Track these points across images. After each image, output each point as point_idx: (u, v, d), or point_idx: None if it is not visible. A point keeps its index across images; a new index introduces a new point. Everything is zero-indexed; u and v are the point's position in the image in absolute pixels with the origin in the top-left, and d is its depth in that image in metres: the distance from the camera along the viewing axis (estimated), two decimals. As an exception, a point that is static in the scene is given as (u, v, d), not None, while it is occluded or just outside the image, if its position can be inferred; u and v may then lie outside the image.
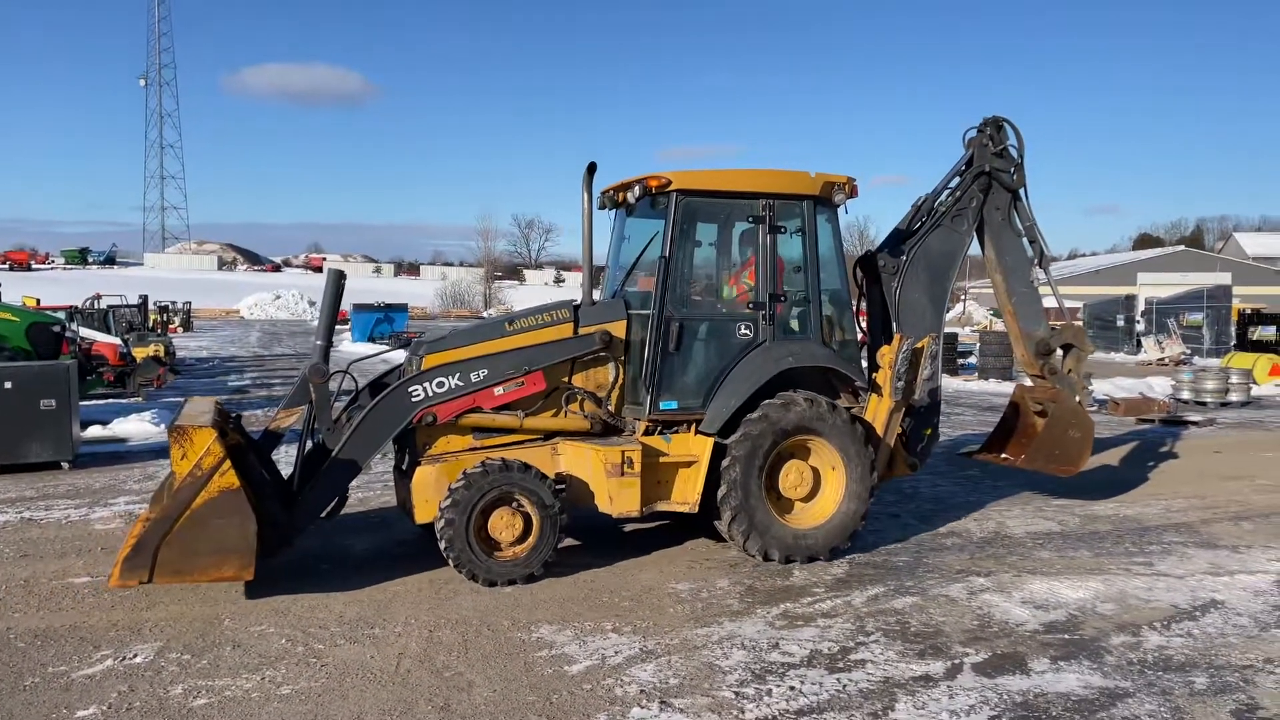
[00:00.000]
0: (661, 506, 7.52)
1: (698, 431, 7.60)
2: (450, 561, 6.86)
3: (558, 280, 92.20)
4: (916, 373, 8.13)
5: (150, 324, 31.67)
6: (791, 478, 7.73)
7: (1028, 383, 10.13)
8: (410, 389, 7.14)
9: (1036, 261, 9.59)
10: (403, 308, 42.32)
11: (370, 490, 10.21)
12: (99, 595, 6.65)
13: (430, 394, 7.16)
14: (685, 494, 7.54)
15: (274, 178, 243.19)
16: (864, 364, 8.49)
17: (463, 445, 7.39)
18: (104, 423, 14.96)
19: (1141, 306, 38.54)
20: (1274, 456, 13.26)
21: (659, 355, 7.47)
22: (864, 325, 9.04)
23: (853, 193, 8.09)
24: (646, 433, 7.60)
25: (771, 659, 5.58)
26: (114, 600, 6.53)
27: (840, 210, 8.19)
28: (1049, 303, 9.88)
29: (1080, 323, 29.07)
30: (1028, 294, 9.56)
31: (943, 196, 9.24)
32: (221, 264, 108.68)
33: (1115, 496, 10.37)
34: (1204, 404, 19.57)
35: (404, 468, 7.67)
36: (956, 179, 9.31)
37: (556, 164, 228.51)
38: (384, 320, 39.92)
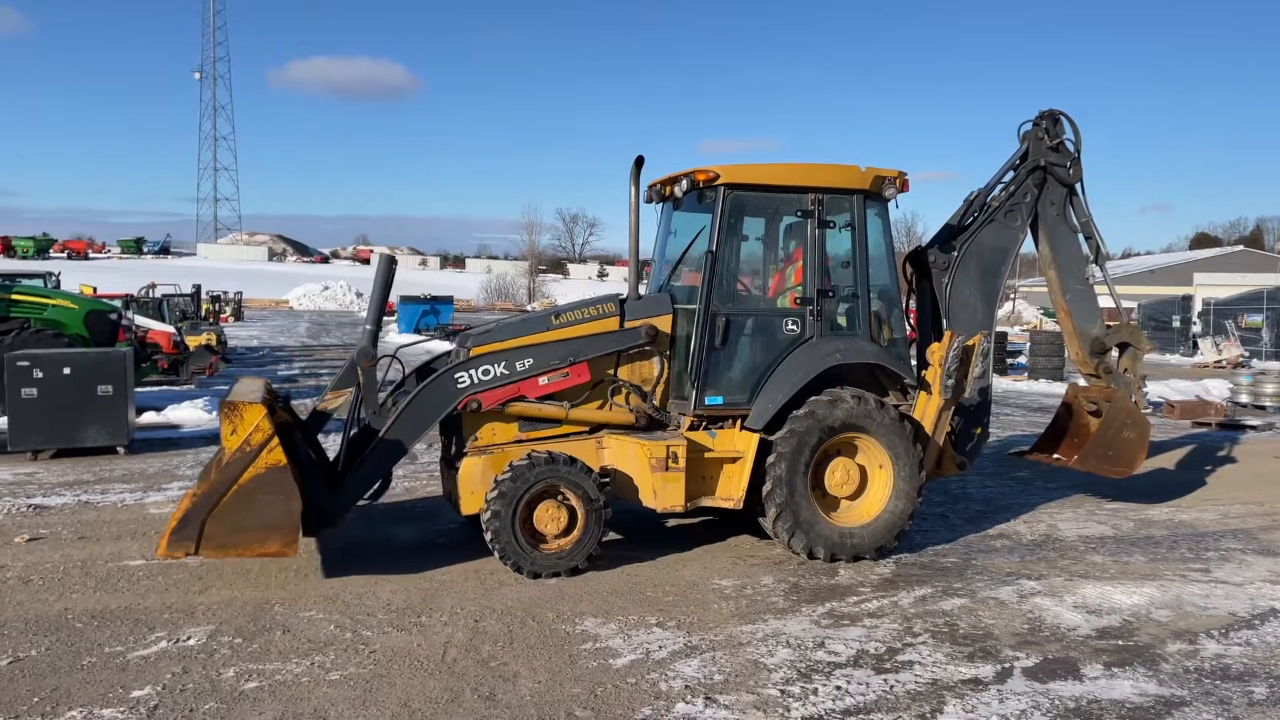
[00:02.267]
0: (706, 502, 7.49)
1: (743, 427, 7.55)
2: (495, 553, 6.89)
3: (601, 274, 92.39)
4: (967, 370, 8.01)
5: (203, 313, 32.24)
6: (838, 475, 7.65)
7: (1081, 382, 9.95)
8: (456, 375, 7.19)
9: (1093, 259, 9.40)
10: (448, 300, 42.71)
11: (416, 480, 10.30)
12: (153, 578, 6.78)
13: (476, 381, 7.20)
14: (730, 490, 7.50)
15: (321, 170, 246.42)
16: (913, 361, 8.38)
17: (509, 437, 7.42)
18: (158, 409, 15.26)
19: (1199, 307, 37.66)
20: (1336, 462, 12.88)
21: (705, 350, 7.43)
22: (913, 322, 8.93)
23: (904, 187, 7.98)
24: (691, 428, 7.57)
25: (817, 658, 5.53)
26: (168, 583, 6.65)
27: (891, 205, 8.09)
28: (1105, 301, 9.69)
29: (1135, 321, 28.55)
30: (1082, 291, 9.38)
31: (996, 191, 9.09)
32: (271, 255, 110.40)
33: (1171, 501, 10.14)
34: (1263, 408, 19.09)
35: (451, 459, 7.72)
36: (1011, 173, 9.16)
37: (600, 158, 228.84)
38: (430, 312, 40.29)
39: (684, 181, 7.69)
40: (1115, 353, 9.45)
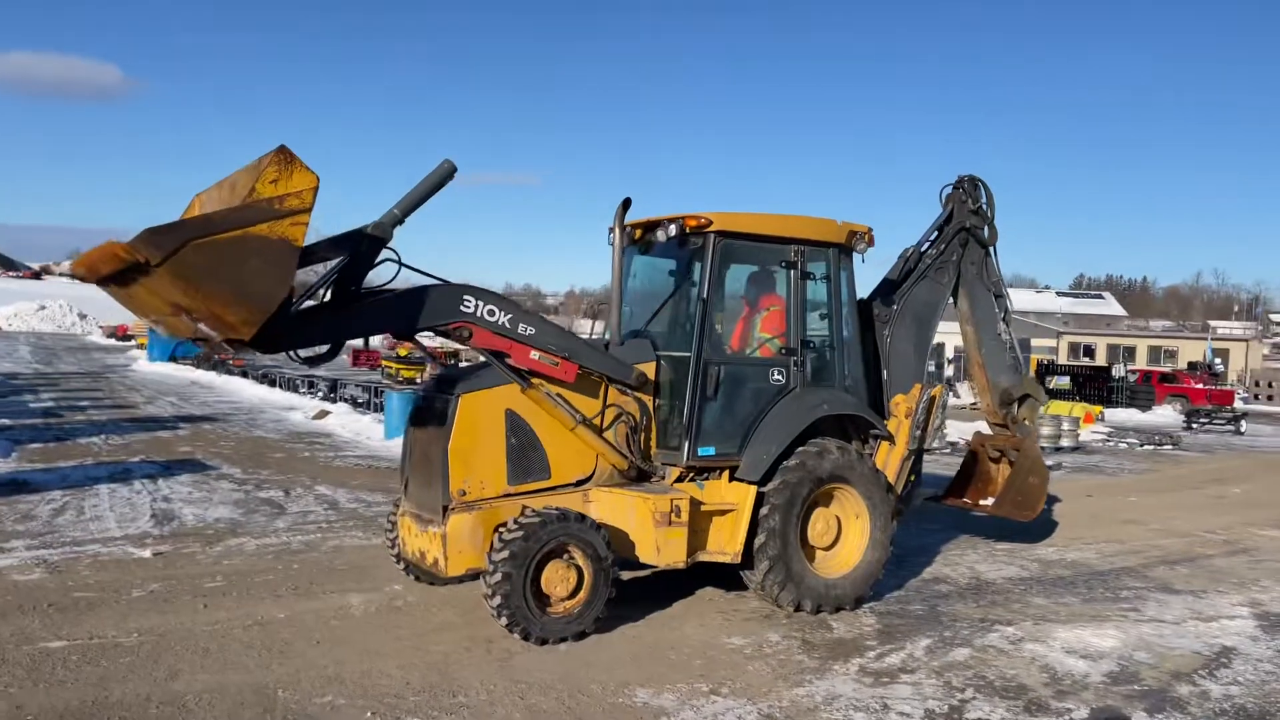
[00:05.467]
0: (703, 557, 7.22)
1: (733, 478, 7.38)
2: (503, 619, 6.28)
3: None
4: (928, 421, 8.29)
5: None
6: (819, 526, 7.65)
7: (987, 430, 10.56)
8: (465, 297, 6.64)
9: (1002, 316, 10.04)
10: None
11: (331, 533, 9.28)
12: (96, 664, 5.64)
13: (479, 313, 6.67)
14: (723, 543, 7.29)
15: (27, 177, 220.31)
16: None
17: (498, 491, 6.82)
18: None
19: (950, 354, 41.50)
20: (1139, 500, 14.48)
21: (697, 400, 7.21)
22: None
23: (871, 242, 8.18)
24: (679, 479, 7.32)
25: (896, 720, 5.44)
26: (122, 670, 5.55)
27: (857, 259, 8.24)
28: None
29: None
30: (995, 346, 9.99)
31: (926, 249, 9.51)
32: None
33: (1042, 541, 10.95)
34: (1041, 449, 21.17)
35: (422, 516, 7.00)
36: (936, 233, 9.62)
37: (362, 179, 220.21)
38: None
39: (672, 226, 7.47)
40: (1016, 405, 10.12)
